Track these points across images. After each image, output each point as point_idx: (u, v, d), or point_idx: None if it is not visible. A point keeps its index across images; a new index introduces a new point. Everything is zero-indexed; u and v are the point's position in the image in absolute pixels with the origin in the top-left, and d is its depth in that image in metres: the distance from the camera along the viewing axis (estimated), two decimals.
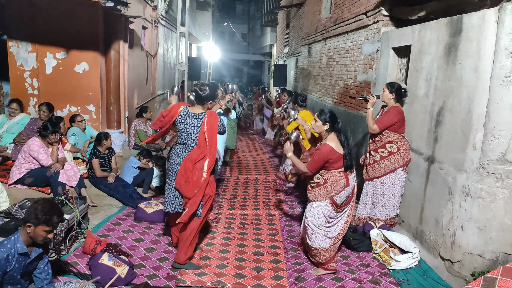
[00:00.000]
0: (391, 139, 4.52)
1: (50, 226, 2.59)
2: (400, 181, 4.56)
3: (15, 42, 6.32)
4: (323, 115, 3.66)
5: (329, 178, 3.61)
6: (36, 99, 6.46)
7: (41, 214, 2.53)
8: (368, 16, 6.17)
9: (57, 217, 2.62)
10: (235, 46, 34.52)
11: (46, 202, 2.63)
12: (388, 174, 4.56)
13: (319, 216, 3.67)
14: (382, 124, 4.49)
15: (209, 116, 3.64)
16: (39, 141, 4.77)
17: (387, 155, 4.54)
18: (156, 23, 9.75)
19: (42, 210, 2.55)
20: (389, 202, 4.63)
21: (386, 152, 4.55)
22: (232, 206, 5.65)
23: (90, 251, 3.74)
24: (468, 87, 3.60)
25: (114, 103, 7.10)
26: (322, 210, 3.65)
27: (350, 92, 7.00)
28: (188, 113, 3.67)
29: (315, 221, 3.68)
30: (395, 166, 4.51)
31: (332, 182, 3.60)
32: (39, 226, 2.55)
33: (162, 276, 3.60)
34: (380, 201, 4.65)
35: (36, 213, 2.54)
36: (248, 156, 9.18)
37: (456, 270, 3.69)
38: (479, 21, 3.48)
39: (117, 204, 5.32)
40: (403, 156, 4.49)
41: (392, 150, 4.52)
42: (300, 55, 12.01)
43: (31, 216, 2.54)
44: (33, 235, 2.57)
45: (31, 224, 2.55)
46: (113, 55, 6.90)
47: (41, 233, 2.57)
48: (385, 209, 4.66)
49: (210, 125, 3.62)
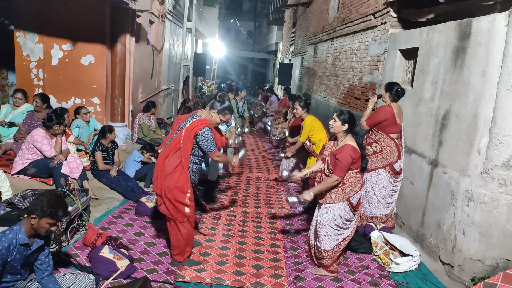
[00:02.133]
0: (376, 138, 4.56)
1: (55, 219, 2.59)
2: (382, 182, 4.57)
3: (22, 33, 6.33)
4: (342, 115, 3.57)
5: (348, 179, 3.54)
6: (41, 90, 6.47)
7: (47, 207, 2.54)
8: (376, 17, 6.14)
9: (62, 210, 2.63)
10: (241, 43, 34.49)
11: (52, 195, 2.64)
12: (370, 172, 4.59)
13: (335, 218, 3.58)
14: (369, 121, 4.56)
15: (194, 122, 3.51)
16: (43, 132, 4.78)
17: (371, 153, 4.59)
18: (163, 17, 9.75)
19: (48, 203, 2.55)
20: (372, 200, 4.66)
21: (371, 150, 4.60)
22: (233, 203, 5.64)
23: (90, 243, 3.75)
24: (475, 91, 3.58)
25: (119, 97, 7.11)
26: (339, 212, 3.57)
27: (355, 93, 6.97)
28: (194, 114, 3.71)
29: (331, 223, 3.59)
30: (377, 165, 4.55)
31: (351, 183, 3.54)
32: (43, 218, 2.55)
33: (161, 271, 3.61)
34: (364, 198, 4.68)
35: (42, 205, 2.54)
36: (250, 154, 9.17)
37: (456, 275, 3.68)
38: (489, 25, 3.45)
39: (118, 198, 5.34)
40: (385, 157, 4.51)
41: (375, 149, 4.57)
42: (306, 54, 11.97)
43: (37, 208, 2.55)
44: (36, 227, 2.57)
45: (36, 216, 2.55)
46: (119, 49, 6.90)
47: (45, 225, 2.57)
48: (369, 207, 4.71)
49: (188, 131, 3.49)
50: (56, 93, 6.52)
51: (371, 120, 4.56)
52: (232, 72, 31.81)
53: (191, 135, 3.49)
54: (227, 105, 3.72)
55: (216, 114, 3.69)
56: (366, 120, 4.60)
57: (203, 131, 3.49)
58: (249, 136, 11.79)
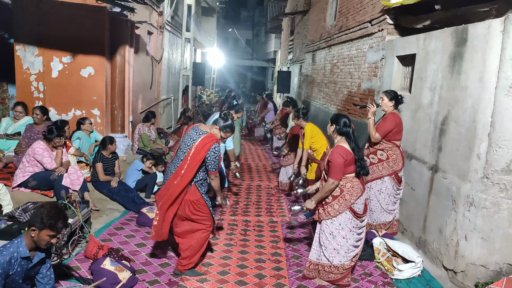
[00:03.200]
0: (382, 146, 4.55)
1: (55, 231, 2.59)
2: (387, 189, 4.56)
3: (22, 46, 6.37)
4: (333, 116, 3.66)
5: (345, 185, 3.51)
6: (41, 102, 6.50)
7: (47, 219, 2.54)
8: (373, 24, 6.19)
9: (62, 222, 2.62)
10: (239, 52, 34.67)
11: (52, 207, 2.64)
12: (375, 180, 4.58)
13: (342, 227, 3.53)
14: (382, 132, 4.50)
15: (205, 138, 3.55)
16: (43, 144, 4.79)
17: (376, 162, 4.57)
18: (162, 28, 9.82)
19: (48, 214, 2.55)
20: (375, 208, 4.64)
21: (376, 158, 4.58)
22: (234, 212, 5.64)
23: (92, 255, 3.74)
24: (473, 97, 3.59)
25: (119, 108, 7.13)
26: (344, 222, 3.52)
27: (353, 100, 7.00)
28: (196, 128, 3.72)
29: (339, 233, 3.53)
30: (382, 173, 4.53)
31: (349, 189, 3.50)
32: (43, 230, 2.55)
33: (163, 282, 3.59)
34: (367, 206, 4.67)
35: (41, 217, 2.54)
36: (250, 162, 9.18)
37: (459, 281, 3.66)
38: (485, 31, 3.48)
39: (119, 209, 5.33)
40: (391, 165, 4.50)
41: (381, 157, 4.55)
42: (304, 62, 12.04)
43: (36, 220, 2.54)
44: (36, 239, 2.57)
45: (36, 228, 2.55)
46: (118, 60, 6.95)
47: (45, 237, 2.57)
48: (372, 214, 4.68)
49: (199, 146, 3.52)
50: (56, 105, 6.54)
51: (383, 130, 4.47)
52: (231, 81, 31.94)
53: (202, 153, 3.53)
54: (230, 123, 3.77)
55: (218, 131, 3.73)
56: (378, 131, 4.48)
57: (214, 147, 3.55)
58: (249, 144, 11.81)
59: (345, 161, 3.44)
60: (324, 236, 3.61)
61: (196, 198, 3.61)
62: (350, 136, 3.56)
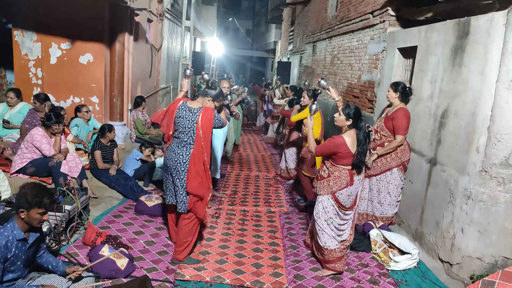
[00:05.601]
0: (391, 138, 4.53)
1: (43, 208, 2.61)
2: (395, 180, 4.57)
3: (20, 31, 6.31)
4: (347, 109, 3.52)
5: (333, 172, 3.56)
6: (39, 89, 6.46)
7: (31, 198, 2.55)
8: (374, 16, 6.14)
9: (47, 197, 2.63)
10: (239, 42, 34.44)
11: (33, 185, 2.65)
12: (384, 173, 4.59)
13: (328, 209, 3.62)
14: (405, 130, 4.42)
15: (204, 112, 3.65)
16: (42, 131, 4.77)
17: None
18: (162, 16, 9.73)
19: (31, 193, 2.56)
20: (384, 200, 4.65)
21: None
22: (233, 202, 5.65)
23: (90, 242, 3.76)
24: (473, 90, 3.59)
25: (118, 96, 7.10)
26: (326, 204, 3.63)
27: (354, 92, 6.98)
28: (186, 107, 3.69)
29: (323, 216, 3.65)
30: (391, 165, 4.54)
31: (334, 177, 3.55)
32: (32, 209, 2.57)
33: (161, 270, 3.62)
34: (376, 198, 4.69)
35: (26, 197, 2.55)
36: (249, 152, 9.18)
37: (454, 273, 3.69)
38: (487, 24, 3.46)
39: (118, 197, 5.34)
40: (400, 156, 4.50)
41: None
42: (305, 52, 11.97)
43: (22, 202, 2.56)
44: (27, 219, 2.59)
45: (24, 209, 2.57)
46: (117, 48, 6.89)
47: (36, 216, 2.59)
48: (381, 207, 4.69)
49: (204, 120, 3.63)
50: (55, 92, 6.51)
51: (405, 127, 4.40)
52: (230, 71, 31.79)
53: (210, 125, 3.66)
54: (220, 91, 3.90)
55: (212, 102, 3.81)
56: (401, 131, 4.39)
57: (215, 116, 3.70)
58: (249, 134, 11.80)
59: (338, 153, 3.48)
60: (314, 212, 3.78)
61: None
62: (362, 129, 3.52)
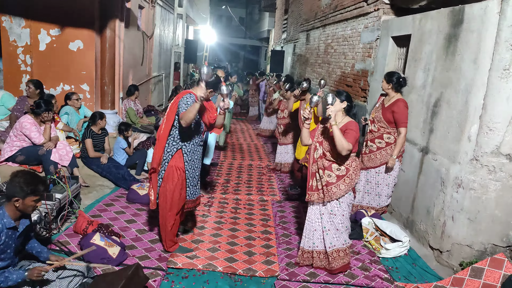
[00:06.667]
0: (389, 130, 4.52)
1: (38, 195, 2.61)
2: (394, 172, 4.58)
3: (8, 17, 6.17)
4: (338, 95, 3.41)
5: (351, 164, 3.40)
6: (29, 76, 6.35)
7: (26, 186, 2.54)
8: (368, 4, 6.10)
9: (42, 185, 2.65)
10: (233, 30, 34.12)
11: (25, 173, 2.65)
12: (384, 165, 4.58)
13: (349, 208, 3.50)
14: (406, 122, 4.39)
15: (177, 97, 3.48)
16: (31, 118, 4.70)
17: (384, 146, 4.54)
18: (153, 3, 9.57)
19: (25, 182, 2.56)
20: (382, 192, 4.67)
21: (383, 142, 4.55)
22: (225, 190, 5.65)
23: (81, 230, 3.73)
24: (466, 79, 3.59)
25: (109, 83, 7.00)
26: (348, 201, 3.46)
27: (347, 81, 6.96)
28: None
29: (347, 214, 3.48)
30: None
31: (354, 168, 3.41)
32: (27, 197, 2.56)
33: (153, 258, 3.61)
34: (374, 190, 4.69)
35: (20, 186, 2.54)
36: (242, 142, 9.16)
37: (444, 260, 3.74)
38: (481, 12, 3.44)
39: (109, 185, 5.30)
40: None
41: (389, 141, 4.53)
42: (298, 41, 11.89)
43: (16, 190, 2.54)
44: (22, 207, 2.59)
45: (19, 198, 2.55)
46: (108, 34, 6.77)
47: (31, 203, 2.59)
48: (379, 198, 4.70)
49: (172, 105, 3.47)
50: (45, 79, 6.38)
51: (405, 119, 4.37)
52: (224, 59, 31.55)
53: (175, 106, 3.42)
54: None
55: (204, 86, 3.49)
56: (403, 124, 4.37)
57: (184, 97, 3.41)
58: (241, 123, 11.77)
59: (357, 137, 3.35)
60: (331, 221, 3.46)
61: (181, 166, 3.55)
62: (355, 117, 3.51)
